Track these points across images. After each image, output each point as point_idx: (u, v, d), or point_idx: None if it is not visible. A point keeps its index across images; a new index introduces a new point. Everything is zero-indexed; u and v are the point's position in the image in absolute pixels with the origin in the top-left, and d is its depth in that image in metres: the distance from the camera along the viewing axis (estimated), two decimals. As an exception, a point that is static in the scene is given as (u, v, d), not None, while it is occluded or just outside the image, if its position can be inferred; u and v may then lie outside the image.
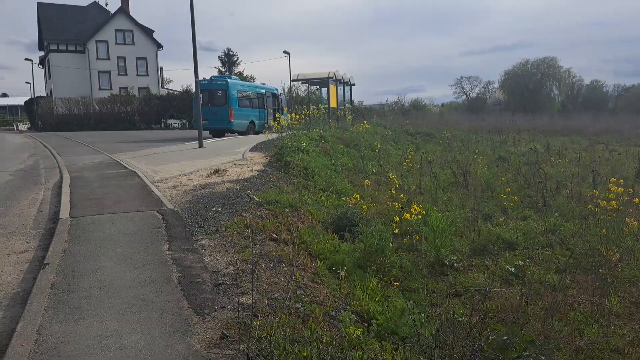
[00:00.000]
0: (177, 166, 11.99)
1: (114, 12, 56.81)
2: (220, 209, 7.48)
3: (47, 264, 5.23)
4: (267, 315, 3.95)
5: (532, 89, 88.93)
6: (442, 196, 11.25)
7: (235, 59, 71.13)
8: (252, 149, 15.06)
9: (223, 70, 68.34)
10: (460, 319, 5.10)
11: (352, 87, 30.80)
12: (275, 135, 16.41)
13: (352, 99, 33.34)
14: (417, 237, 7.39)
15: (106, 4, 62.95)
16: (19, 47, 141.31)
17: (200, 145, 16.53)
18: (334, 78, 26.26)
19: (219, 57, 71.28)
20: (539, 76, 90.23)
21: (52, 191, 9.78)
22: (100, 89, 53.29)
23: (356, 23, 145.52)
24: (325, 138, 16.95)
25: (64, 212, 7.43)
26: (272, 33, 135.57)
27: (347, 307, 4.42)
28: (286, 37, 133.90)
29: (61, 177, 11.15)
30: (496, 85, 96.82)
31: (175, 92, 52.78)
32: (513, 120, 38.08)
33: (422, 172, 14.95)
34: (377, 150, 17.32)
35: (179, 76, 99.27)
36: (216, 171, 10.61)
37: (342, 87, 28.47)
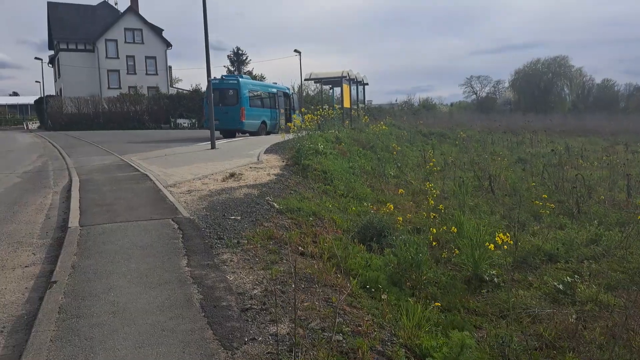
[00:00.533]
0: (191, 169, 11.50)
1: (123, 11, 56.62)
2: (239, 218, 6.97)
3: (55, 282, 4.74)
4: (306, 351, 3.42)
5: (542, 88, 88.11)
6: (468, 202, 10.67)
7: (244, 58, 70.77)
8: (267, 151, 14.55)
9: (232, 69, 67.99)
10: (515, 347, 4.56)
11: (365, 86, 30.24)
12: (290, 136, 15.87)
13: (365, 99, 32.74)
14: (457, 252, 6.83)
15: (115, 3, 62.98)
16: (30, 47, 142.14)
17: (213, 147, 16.04)
18: (348, 77, 25.70)
19: (228, 56, 71.05)
20: (550, 75, 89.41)
21: (61, 195, 9.32)
22: (109, 88, 53.08)
23: (364, 24, 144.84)
24: (342, 140, 16.40)
25: (73, 219, 6.95)
26: (281, 33, 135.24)
27: (394, 338, 3.88)
28: (295, 37, 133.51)
29: (70, 180, 10.70)
30: (506, 84, 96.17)
31: (184, 92, 52.44)
32: (528, 121, 37.18)
33: (443, 176, 14.38)
34: (394, 152, 16.75)
35: (187, 75, 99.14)
36: (232, 175, 10.10)
37: (355, 87, 27.90)
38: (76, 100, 45.42)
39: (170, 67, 60.98)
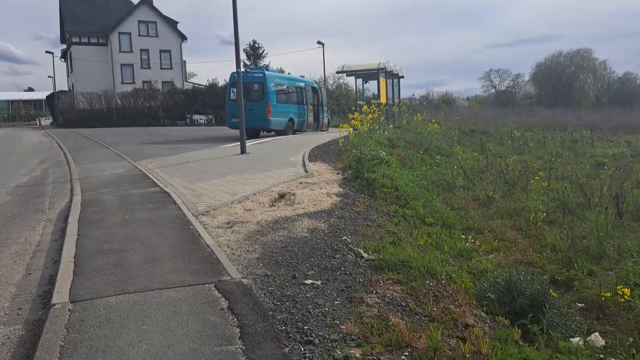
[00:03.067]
0: (223, 184, 9.01)
1: (137, 3, 54.31)
2: (319, 282, 4.45)
3: None
4: None
5: (565, 82, 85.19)
6: (610, 232, 7.91)
7: (261, 52, 68.15)
8: (311, 157, 12.00)
9: (249, 62, 65.56)
10: None
11: (401, 79, 27.49)
12: (324, 136, 13.29)
13: (400, 93, 30.01)
14: None
15: (129, -6, 60.75)
16: (45, 42, 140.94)
17: (243, 151, 13.54)
18: (385, 69, 23.04)
19: (244, 49, 68.31)
20: (573, 69, 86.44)
21: (55, 227, 6.89)
22: (122, 82, 50.93)
23: (376, 18, 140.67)
24: (395, 142, 13.82)
25: (63, 284, 4.48)
26: (294, 27, 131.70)
27: None
28: (309, 31, 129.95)
29: (70, 200, 8.27)
30: (526, 78, 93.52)
31: (200, 86, 50.08)
32: (580, 116, 34.19)
33: (527, 186, 11.74)
34: (459, 157, 14.13)
35: (202, 70, 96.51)
36: (281, 196, 7.58)
37: (390, 81, 25.20)
38: (88, 96, 43.29)
39: (184, 62, 58.70)
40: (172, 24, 54.59)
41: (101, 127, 36.97)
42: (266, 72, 21.85)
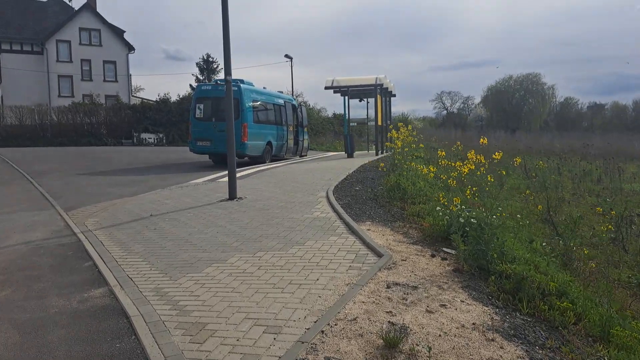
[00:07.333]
0: (231, 283, 4.75)
1: (78, 9, 48.61)
2: None
3: None
4: None
5: (514, 104, 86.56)
6: None
7: (215, 66, 63.42)
8: (345, 208, 7.79)
9: (201, 78, 60.71)
10: None
11: (392, 98, 23.82)
12: (318, 163, 9.25)
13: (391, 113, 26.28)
14: None
15: (69, 0, 54.84)
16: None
17: (232, 195, 9.21)
18: (382, 86, 19.25)
19: (197, 63, 63.30)
20: (522, 92, 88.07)
21: None
22: (60, 96, 45.03)
23: (323, 38, 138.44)
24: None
25: None
26: (241, 44, 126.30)
27: None
28: (257, 49, 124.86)
29: None
30: (477, 100, 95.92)
31: (150, 102, 44.86)
32: (587, 142, 31.80)
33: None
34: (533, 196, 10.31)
35: (150, 84, 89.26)
36: (390, 345, 3.41)
37: (384, 99, 21.45)
38: (17, 110, 37.25)
39: (130, 75, 53.23)
40: (118, 32, 49.26)
41: (32, 147, 31.33)
42: (242, 85, 17.56)
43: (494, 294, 4.54)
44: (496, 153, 6.59)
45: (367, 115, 24.01)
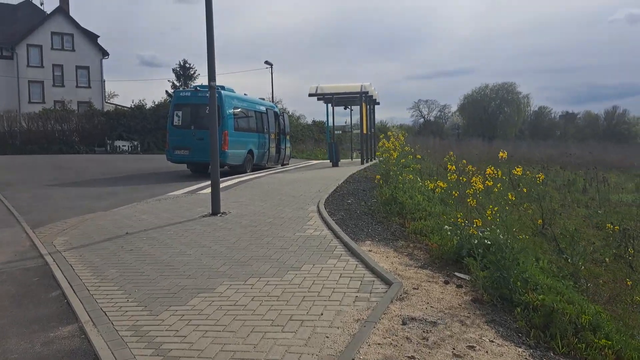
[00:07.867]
0: (224, 319, 4.13)
1: (50, 12, 47.21)
2: None
3: None
4: None
5: (490, 113, 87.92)
6: None
7: (192, 72, 62.29)
8: (340, 224, 7.22)
9: (178, 84, 59.57)
10: None
11: (376, 106, 23.41)
12: (301, 173, 8.72)
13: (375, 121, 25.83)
14: None
15: (41, 3, 53.24)
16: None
17: (216, 210, 8.54)
18: (367, 93, 18.81)
19: (173, 69, 62.00)
20: (498, 101, 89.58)
21: None
22: (30, 102, 43.54)
23: (300, 46, 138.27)
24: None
25: None
26: (220, 50, 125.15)
27: None
28: (232, 56, 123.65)
29: None
30: (453, 109, 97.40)
31: (124, 108, 43.69)
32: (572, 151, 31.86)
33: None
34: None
35: (123, 90, 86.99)
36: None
37: (369, 107, 21.01)
38: (-16, 117, 35.82)
39: (104, 81, 51.86)
40: (91, 37, 47.96)
41: (0, 155, 30.00)
42: (223, 91, 16.87)
43: (522, 330, 4.01)
44: (516, 168, 6.08)
45: (350, 122, 23.56)
